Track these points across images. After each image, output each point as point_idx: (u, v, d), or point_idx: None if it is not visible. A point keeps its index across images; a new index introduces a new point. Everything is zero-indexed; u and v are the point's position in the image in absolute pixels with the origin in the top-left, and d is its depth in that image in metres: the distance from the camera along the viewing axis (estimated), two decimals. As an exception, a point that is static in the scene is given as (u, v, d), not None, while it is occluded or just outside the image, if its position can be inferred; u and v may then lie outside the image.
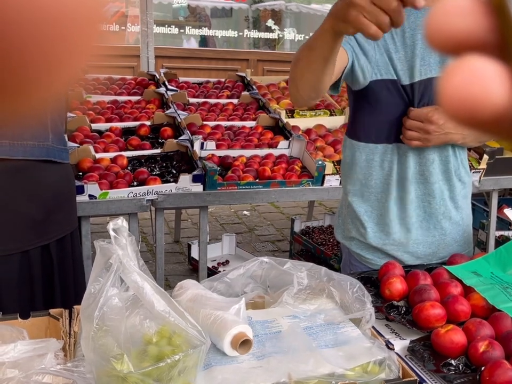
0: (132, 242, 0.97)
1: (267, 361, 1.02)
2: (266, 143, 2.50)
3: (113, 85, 2.84)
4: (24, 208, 1.42)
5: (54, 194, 1.49)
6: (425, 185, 1.42)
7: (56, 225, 1.51)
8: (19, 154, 1.38)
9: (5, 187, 1.39)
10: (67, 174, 1.57)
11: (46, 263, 1.50)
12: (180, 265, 3.25)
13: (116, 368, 0.84)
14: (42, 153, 1.43)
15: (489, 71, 0.18)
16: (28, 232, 1.44)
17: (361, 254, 1.52)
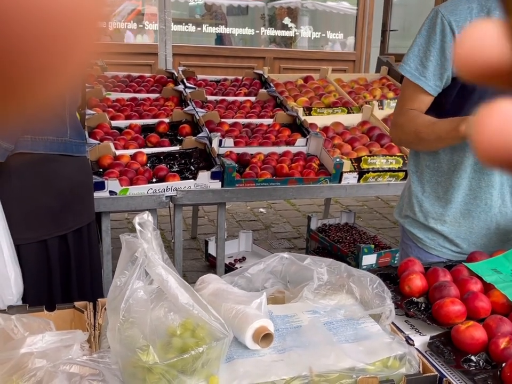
0: (156, 237, 0.99)
1: (288, 355, 1.03)
2: (284, 141, 2.51)
3: (132, 83, 2.87)
4: (43, 198, 1.48)
5: (72, 186, 1.55)
6: (486, 175, 1.45)
7: (73, 216, 1.57)
8: (40, 149, 1.46)
9: (25, 178, 1.45)
10: (84, 167, 1.64)
11: (63, 253, 1.56)
12: (197, 262, 3.27)
13: (142, 359, 0.85)
14: (61, 148, 1.50)
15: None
16: (46, 222, 1.50)
17: (413, 232, 1.57)
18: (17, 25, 0.18)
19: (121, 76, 2.93)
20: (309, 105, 2.85)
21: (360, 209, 4.21)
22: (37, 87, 0.20)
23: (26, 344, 0.94)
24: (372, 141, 2.56)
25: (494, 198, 1.46)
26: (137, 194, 2.05)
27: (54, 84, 0.21)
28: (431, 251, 1.55)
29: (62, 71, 0.20)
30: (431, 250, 1.55)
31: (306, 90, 3.02)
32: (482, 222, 1.48)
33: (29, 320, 1.02)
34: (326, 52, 6.29)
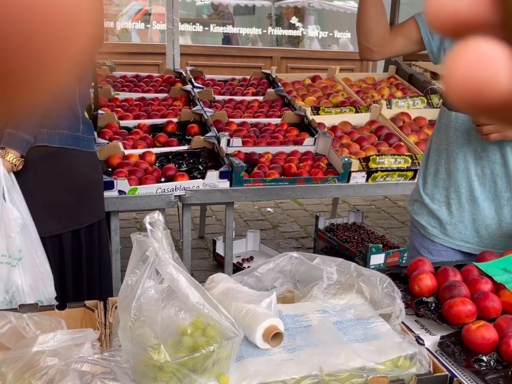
0: (167, 236, 0.99)
1: (298, 354, 1.03)
2: (292, 140, 2.51)
3: (141, 82, 2.87)
4: (58, 192, 1.53)
5: (84, 181, 1.60)
6: (490, 162, 1.45)
7: (86, 212, 1.61)
8: (56, 142, 1.51)
9: (40, 172, 1.50)
10: (95, 163, 1.68)
11: (75, 248, 1.60)
12: (204, 261, 3.28)
13: (153, 357, 0.86)
14: (74, 142, 1.55)
15: (495, 54, 0.17)
16: (61, 216, 1.54)
17: (417, 219, 1.59)
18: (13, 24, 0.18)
19: (129, 75, 2.94)
20: (317, 105, 2.84)
21: (368, 208, 4.20)
22: (35, 82, 0.21)
23: (38, 343, 0.95)
24: (380, 140, 2.56)
25: (500, 188, 1.45)
26: (146, 194, 2.05)
27: (51, 79, 0.21)
28: (433, 238, 1.56)
29: (58, 67, 0.21)
30: (433, 237, 1.56)
31: (314, 90, 3.01)
32: (487, 210, 1.48)
33: (40, 318, 1.03)
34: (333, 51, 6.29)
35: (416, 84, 3.14)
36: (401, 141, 2.53)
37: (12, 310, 1.05)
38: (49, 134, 1.49)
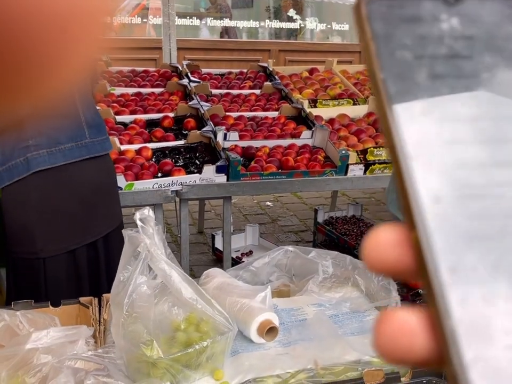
0: (158, 232, 0.98)
1: (293, 348, 1.03)
2: (289, 133, 2.50)
3: (137, 77, 2.86)
4: (65, 207, 1.40)
5: (94, 190, 1.45)
6: None
7: (100, 221, 1.48)
8: (59, 160, 1.36)
9: (46, 188, 1.38)
10: (107, 167, 1.53)
11: (92, 259, 1.48)
12: (203, 256, 3.27)
13: (146, 354, 0.85)
14: (83, 152, 1.40)
15: (414, 324, 0.20)
16: (72, 231, 1.42)
17: None
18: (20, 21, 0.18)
19: (125, 70, 2.93)
20: (314, 98, 2.83)
21: (368, 201, 4.19)
22: (40, 80, 0.20)
23: (32, 340, 0.95)
24: (378, 132, 2.54)
25: None
26: (143, 189, 2.05)
27: (57, 77, 0.21)
28: None
29: (64, 65, 0.21)
30: None
31: (311, 83, 3.00)
32: None
33: (34, 316, 1.02)
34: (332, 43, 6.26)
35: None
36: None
37: (6, 308, 1.05)
38: (49, 153, 1.34)
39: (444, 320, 0.20)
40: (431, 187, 0.21)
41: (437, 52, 0.22)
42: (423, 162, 0.21)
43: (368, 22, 0.22)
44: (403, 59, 0.22)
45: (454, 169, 0.21)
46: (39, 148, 1.33)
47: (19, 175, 1.33)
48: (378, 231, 0.22)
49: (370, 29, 0.22)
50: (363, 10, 0.22)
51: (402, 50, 0.22)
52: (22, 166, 1.33)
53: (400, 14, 0.22)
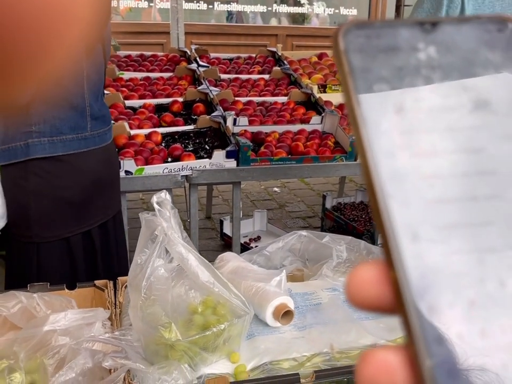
0: (175, 215, 0.98)
1: (308, 332, 1.03)
2: (299, 119, 2.49)
3: (145, 62, 2.85)
4: (64, 195, 1.41)
5: (94, 180, 1.46)
6: None
7: (97, 211, 1.48)
8: (59, 150, 1.37)
9: (46, 175, 1.39)
10: (108, 157, 1.53)
11: (88, 248, 1.48)
12: (212, 241, 3.28)
13: (164, 336, 0.86)
14: (81, 145, 1.41)
15: (393, 362, 0.21)
16: (68, 219, 1.43)
17: None
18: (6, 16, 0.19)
19: (134, 55, 2.91)
20: (324, 83, 2.81)
21: (375, 187, 4.18)
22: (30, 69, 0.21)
23: (49, 322, 0.95)
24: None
25: None
26: (153, 174, 2.04)
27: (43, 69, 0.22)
28: None
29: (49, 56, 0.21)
30: None
31: (320, 67, 2.98)
32: None
33: (50, 298, 1.03)
34: (339, 28, 6.20)
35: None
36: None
37: (22, 290, 1.06)
38: (50, 142, 1.35)
39: (422, 358, 0.20)
40: (408, 224, 0.21)
41: (416, 83, 0.22)
42: (401, 201, 0.21)
43: (346, 55, 0.22)
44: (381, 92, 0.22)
45: (432, 206, 0.21)
46: (41, 135, 1.35)
47: (16, 158, 1.34)
48: (359, 269, 0.22)
49: (347, 63, 0.22)
50: (340, 42, 0.22)
51: (380, 84, 0.22)
52: (21, 150, 1.34)
53: (378, 45, 0.22)
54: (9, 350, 0.93)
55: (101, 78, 1.52)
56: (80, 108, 1.41)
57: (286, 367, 0.93)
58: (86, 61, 1.38)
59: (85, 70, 1.40)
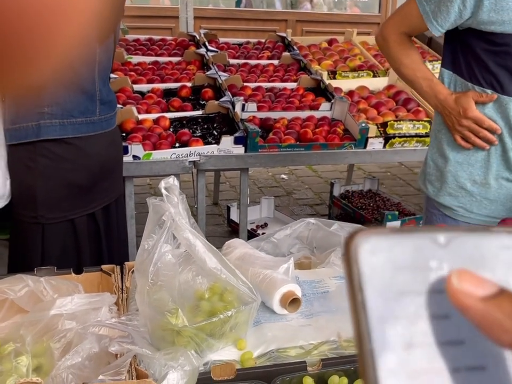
0: (183, 201, 0.97)
1: (316, 320, 1.02)
2: (308, 105, 2.47)
3: (154, 46, 2.82)
4: (71, 177, 1.43)
5: (100, 163, 1.48)
6: None
7: (102, 193, 1.50)
8: (69, 133, 1.39)
9: (53, 157, 1.40)
10: (113, 140, 1.55)
11: (92, 230, 1.50)
12: (218, 227, 3.28)
13: (171, 322, 0.85)
14: (90, 129, 1.43)
15: None
16: (74, 201, 1.45)
17: (438, 200, 1.51)
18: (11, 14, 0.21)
19: (142, 39, 2.89)
20: (334, 69, 2.78)
21: (384, 175, 4.15)
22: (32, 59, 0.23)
23: (56, 306, 0.95)
24: (398, 106, 2.50)
25: None
26: (161, 159, 2.04)
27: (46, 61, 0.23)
28: (458, 218, 1.50)
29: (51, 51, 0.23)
30: (458, 217, 1.50)
31: (330, 54, 2.94)
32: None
33: (57, 282, 1.03)
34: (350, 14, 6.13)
35: (436, 47, 3.05)
36: (419, 106, 2.48)
37: (29, 273, 1.05)
38: (61, 124, 1.37)
39: None
40: None
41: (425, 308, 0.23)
42: None
43: (357, 266, 0.22)
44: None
45: None
46: (53, 117, 1.36)
47: (27, 138, 1.36)
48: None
49: (358, 275, 0.22)
50: (352, 249, 0.22)
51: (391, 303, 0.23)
52: (31, 131, 1.36)
53: (391, 260, 0.22)
54: (16, 333, 0.93)
55: (110, 63, 1.53)
56: (91, 92, 1.43)
57: (293, 355, 0.93)
58: (99, 47, 1.39)
59: (97, 56, 1.40)
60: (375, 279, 0.23)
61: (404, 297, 0.23)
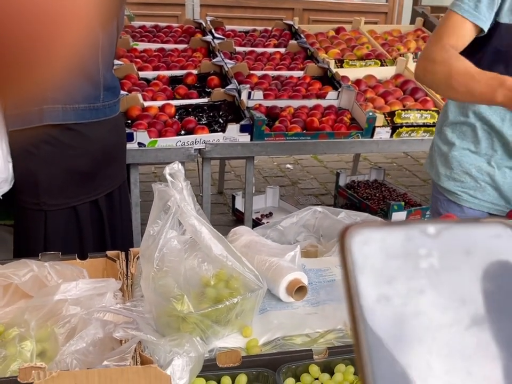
0: (188, 187, 0.96)
1: (322, 308, 1.01)
2: (315, 94, 2.44)
3: (160, 33, 2.80)
4: (74, 164, 1.42)
5: (103, 150, 1.47)
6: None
7: (105, 180, 1.50)
8: (71, 119, 1.38)
9: (56, 144, 1.39)
10: (117, 127, 1.54)
11: (95, 218, 1.50)
12: (223, 216, 3.27)
13: (176, 308, 0.85)
14: (93, 115, 1.42)
15: None
16: (77, 188, 1.44)
17: (442, 185, 1.49)
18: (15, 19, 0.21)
19: (148, 26, 2.87)
20: (341, 57, 2.75)
21: (390, 166, 4.13)
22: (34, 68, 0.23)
23: (60, 291, 0.94)
24: (406, 95, 2.48)
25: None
26: (166, 147, 2.02)
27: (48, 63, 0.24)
28: (462, 203, 1.48)
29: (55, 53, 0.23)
30: (462, 202, 1.48)
31: (338, 42, 2.91)
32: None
33: (62, 267, 1.02)
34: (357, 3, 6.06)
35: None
36: (427, 96, 2.45)
37: (34, 258, 1.05)
38: (64, 110, 1.36)
39: None
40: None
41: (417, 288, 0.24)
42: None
43: (350, 255, 0.23)
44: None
45: None
46: (56, 102, 1.35)
47: (31, 124, 1.35)
48: None
49: (352, 264, 0.23)
50: (346, 240, 0.24)
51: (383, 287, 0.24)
52: (35, 115, 1.34)
53: (383, 249, 0.24)
54: (20, 318, 0.92)
55: (113, 49, 1.52)
56: (95, 78, 1.41)
57: (299, 343, 0.92)
58: (102, 32, 1.37)
59: (100, 41, 1.38)
60: (368, 265, 0.24)
61: (395, 281, 0.24)
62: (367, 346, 0.23)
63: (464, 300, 0.24)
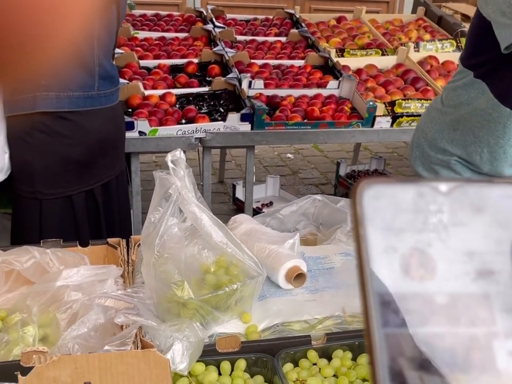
0: (189, 174, 0.97)
1: (320, 295, 1.03)
2: (315, 83, 2.44)
3: (160, 21, 2.80)
4: (69, 153, 1.41)
5: (99, 139, 1.46)
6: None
7: (101, 170, 1.49)
8: (65, 106, 1.37)
9: (51, 133, 1.38)
10: (114, 116, 1.53)
11: (90, 207, 1.49)
12: (224, 205, 3.28)
13: (177, 294, 0.86)
14: (87, 103, 1.40)
15: None
16: (72, 177, 1.43)
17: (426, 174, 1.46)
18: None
19: (149, 14, 2.86)
20: (342, 47, 2.75)
21: (390, 156, 4.13)
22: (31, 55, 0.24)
23: (62, 277, 0.96)
24: (407, 85, 2.47)
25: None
26: (167, 135, 2.03)
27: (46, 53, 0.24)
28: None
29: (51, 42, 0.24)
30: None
31: (339, 31, 2.91)
32: None
33: (64, 254, 1.03)
34: (359, -8, 6.03)
35: (446, 26, 3.01)
36: (428, 86, 2.45)
37: (35, 245, 1.06)
38: (57, 97, 1.34)
39: None
40: None
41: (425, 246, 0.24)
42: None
43: (361, 208, 0.24)
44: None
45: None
46: (49, 89, 1.34)
47: (24, 110, 1.34)
48: None
49: (362, 216, 0.24)
50: (358, 194, 0.24)
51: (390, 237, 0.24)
52: (28, 102, 1.33)
53: (393, 203, 0.24)
54: (23, 304, 0.93)
55: (112, 39, 1.51)
56: (90, 66, 1.40)
57: (297, 329, 0.93)
58: (99, 21, 1.36)
59: (97, 31, 1.38)
60: (377, 218, 0.24)
61: (403, 234, 0.25)
62: (372, 292, 0.24)
63: (472, 254, 0.25)
